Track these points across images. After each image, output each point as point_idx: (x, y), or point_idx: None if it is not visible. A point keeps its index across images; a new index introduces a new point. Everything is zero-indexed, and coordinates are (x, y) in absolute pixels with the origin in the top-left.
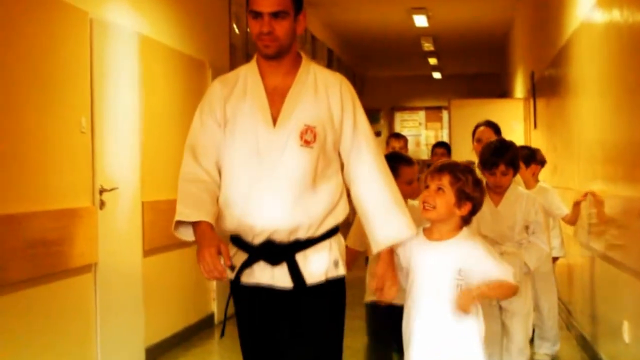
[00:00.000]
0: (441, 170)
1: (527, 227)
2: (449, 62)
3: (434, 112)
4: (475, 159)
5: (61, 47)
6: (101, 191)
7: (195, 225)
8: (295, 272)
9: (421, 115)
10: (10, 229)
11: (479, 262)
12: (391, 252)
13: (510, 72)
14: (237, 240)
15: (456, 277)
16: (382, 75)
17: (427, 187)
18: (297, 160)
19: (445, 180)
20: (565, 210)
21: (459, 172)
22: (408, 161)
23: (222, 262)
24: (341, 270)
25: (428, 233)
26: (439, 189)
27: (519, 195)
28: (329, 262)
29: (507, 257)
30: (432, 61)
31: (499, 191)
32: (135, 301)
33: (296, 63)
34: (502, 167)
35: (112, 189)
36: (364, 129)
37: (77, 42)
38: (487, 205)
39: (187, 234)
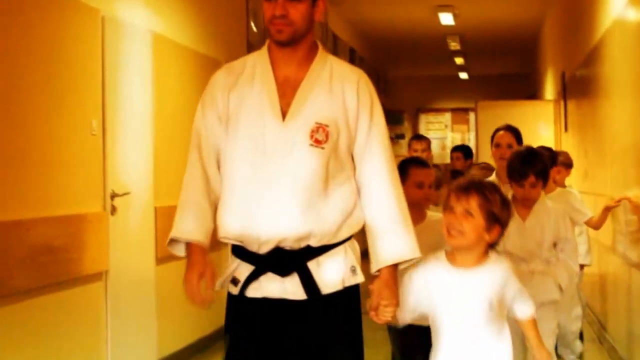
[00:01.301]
0: (468, 190)
1: (554, 244)
2: (476, 62)
3: (460, 114)
4: (494, 164)
5: (72, 46)
6: (112, 196)
7: (187, 242)
8: (308, 282)
9: (447, 117)
10: (17, 235)
11: (510, 294)
12: (391, 270)
13: (540, 72)
14: (240, 250)
15: (487, 310)
16: (407, 76)
17: (450, 209)
18: (306, 160)
19: (474, 202)
20: (589, 213)
21: (487, 192)
22: (419, 162)
23: (206, 287)
24: (359, 277)
25: (451, 258)
26: (467, 212)
27: (548, 209)
28: (346, 268)
29: (537, 278)
30: (459, 61)
31: (527, 204)
32: (147, 311)
33: (312, 53)
34: (531, 179)
35: (123, 194)
36: (379, 133)
37: (88, 41)
38: (514, 219)
39: (179, 249)
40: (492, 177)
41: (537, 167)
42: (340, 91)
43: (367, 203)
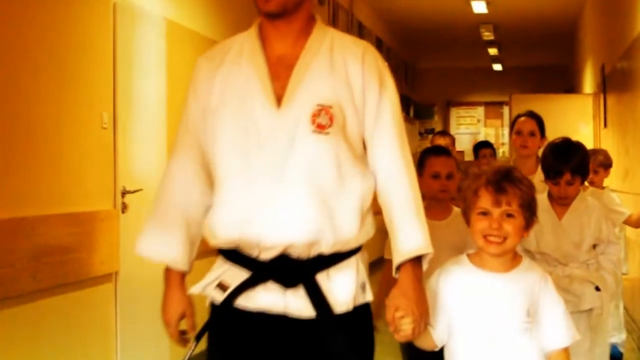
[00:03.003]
0: (504, 188)
1: (594, 246)
2: (511, 53)
3: (494, 108)
4: (514, 154)
5: (81, 33)
6: (123, 193)
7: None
8: (318, 298)
9: (480, 111)
10: (23, 234)
11: (546, 304)
12: (409, 272)
13: (579, 64)
14: (234, 254)
15: (524, 319)
16: (437, 67)
17: (483, 213)
18: (310, 150)
19: (515, 202)
20: (627, 211)
21: (523, 185)
22: (436, 150)
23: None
24: (369, 296)
25: (477, 261)
26: (508, 215)
27: (589, 206)
28: (357, 284)
29: (576, 285)
30: (492, 52)
31: (565, 202)
32: (159, 315)
33: (309, 27)
34: (567, 176)
35: (135, 191)
36: (390, 112)
37: (98, 28)
38: (549, 218)
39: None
40: None
41: (573, 162)
42: (342, 67)
43: (380, 190)
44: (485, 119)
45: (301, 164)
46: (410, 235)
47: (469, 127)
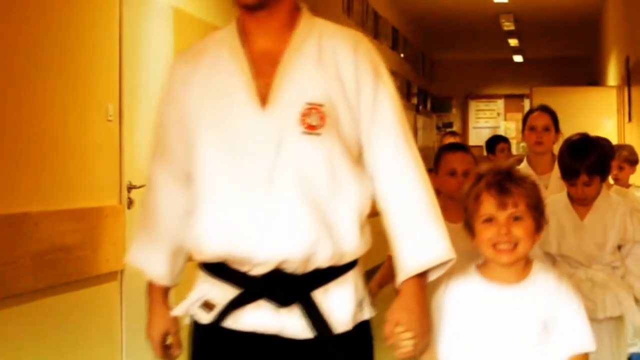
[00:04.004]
0: (508, 189)
1: (619, 247)
2: (532, 44)
3: (514, 101)
4: (524, 151)
5: (86, 23)
6: (129, 188)
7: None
8: (316, 318)
9: (499, 104)
10: (25, 230)
11: (564, 310)
12: (414, 284)
13: (602, 55)
14: (221, 269)
15: (541, 330)
16: (455, 58)
17: (489, 220)
18: (301, 153)
19: (522, 203)
20: None
21: (527, 184)
22: (452, 147)
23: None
24: (367, 313)
25: (487, 272)
26: (516, 218)
27: (613, 204)
28: (356, 302)
29: (597, 291)
30: (513, 42)
31: (584, 202)
32: None
33: (294, 19)
34: (583, 177)
35: (142, 186)
36: (388, 107)
37: (104, 17)
38: (571, 218)
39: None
40: (522, 167)
41: (589, 161)
42: (332, 61)
43: (383, 194)
44: (505, 113)
45: (291, 169)
46: (431, 241)
47: (488, 120)
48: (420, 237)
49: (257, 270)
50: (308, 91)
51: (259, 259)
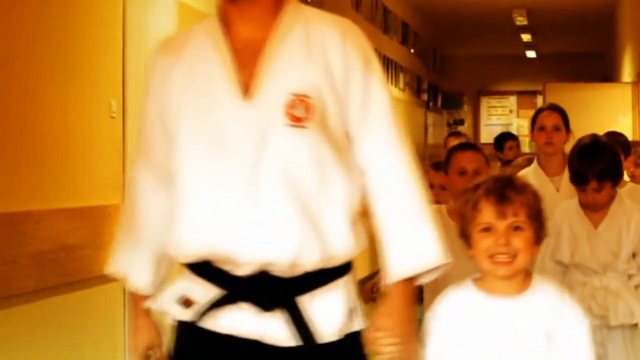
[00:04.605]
0: (509, 197)
1: (634, 255)
2: (545, 39)
3: (527, 98)
4: (528, 148)
5: (89, 17)
6: None
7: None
8: (301, 325)
9: (512, 101)
10: (25, 229)
11: (566, 322)
12: (400, 288)
13: (617, 51)
14: (203, 268)
15: (542, 346)
16: (467, 54)
17: (486, 229)
18: (287, 148)
19: (523, 212)
20: None
21: (528, 193)
22: (463, 146)
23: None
24: (358, 324)
25: (484, 286)
26: (516, 228)
27: (628, 210)
28: (345, 310)
29: (609, 298)
30: (526, 38)
31: (597, 208)
32: None
33: (279, 5)
34: (593, 183)
35: None
36: (379, 99)
37: (107, 11)
38: (584, 226)
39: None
40: (532, 168)
41: (599, 166)
42: (320, 50)
43: (373, 192)
44: (518, 109)
45: (276, 165)
46: (423, 243)
47: (500, 117)
48: (412, 238)
49: (241, 271)
50: (293, 81)
51: (242, 260)
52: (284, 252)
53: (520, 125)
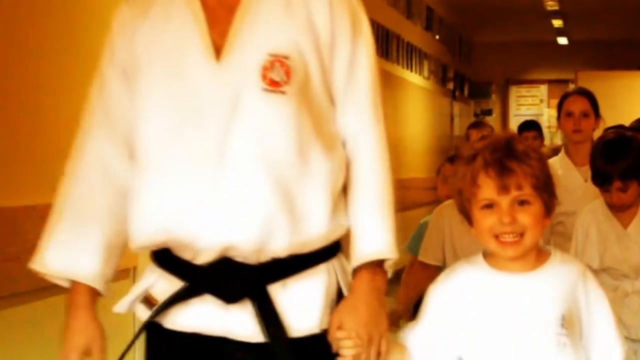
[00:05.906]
0: (510, 167)
1: None
2: (578, 25)
3: (558, 87)
4: (560, 139)
5: (89, 16)
6: None
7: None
8: (268, 317)
9: (542, 90)
10: (29, 224)
11: (592, 308)
12: (365, 282)
13: None
14: (165, 257)
15: (558, 330)
16: (495, 41)
17: (488, 205)
18: (262, 115)
19: (528, 183)
20: None
21: (532, 160)
22: (478, 124)
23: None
24: None
25: (494, 262)
26: (522, 202)
27: None
28: (325, 301)
29: (634, 298)
30: (557, 23)
31: (624, 208)
32: None
33: None
34: (617, 183)
35: None
36: (365, 72)
37: (110, 10)
38: (612, 227)
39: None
40: (559, 158)
41: (623, 164)
42: (303, 7)
43: (350, 170)
44: (549, 99)
45: (249, 134)
46: (370, 233)
47: (530, 107)
48: (374, 224)
49: (201, 259)
50: (270, 40)
51: (202, 244)
52: (246, 234)
53: (551, 116)
